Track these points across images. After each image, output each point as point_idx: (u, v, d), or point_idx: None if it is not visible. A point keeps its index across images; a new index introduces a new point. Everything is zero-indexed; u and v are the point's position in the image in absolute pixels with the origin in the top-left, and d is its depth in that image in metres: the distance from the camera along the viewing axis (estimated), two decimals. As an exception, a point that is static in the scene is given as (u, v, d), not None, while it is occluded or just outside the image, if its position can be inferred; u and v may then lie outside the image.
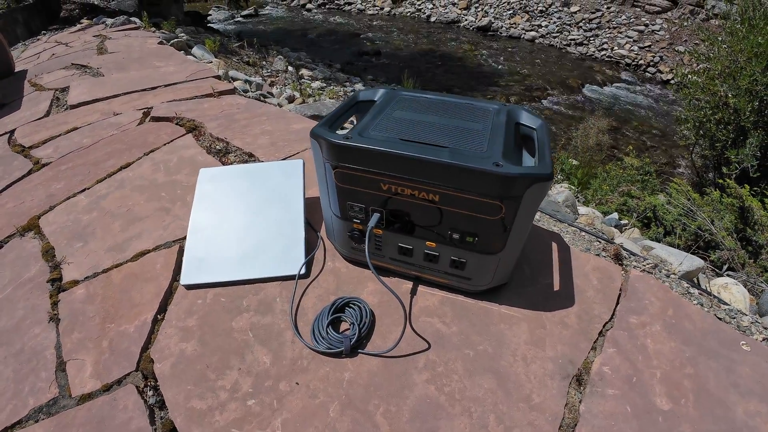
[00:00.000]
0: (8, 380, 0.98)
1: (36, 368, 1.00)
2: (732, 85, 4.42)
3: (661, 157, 7.64)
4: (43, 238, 1.43)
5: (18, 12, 7.94)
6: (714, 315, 1.15)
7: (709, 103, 4.67)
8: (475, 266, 0.98)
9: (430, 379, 0.90)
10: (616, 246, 1.52)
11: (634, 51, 10.99)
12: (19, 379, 0.98)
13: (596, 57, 11.27)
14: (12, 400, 0.93)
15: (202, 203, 1.24)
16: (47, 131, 2.29)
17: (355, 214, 0.98)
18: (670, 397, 0.91)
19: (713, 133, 4.71)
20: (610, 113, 8.60)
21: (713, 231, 2.99)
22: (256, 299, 1.07)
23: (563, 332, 1.03)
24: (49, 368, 0.99)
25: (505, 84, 9.50)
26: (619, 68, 10.83)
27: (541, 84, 9.72)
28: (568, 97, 9.34)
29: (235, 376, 0.90)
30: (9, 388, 0.96)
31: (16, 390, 0.96)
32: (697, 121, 4.89)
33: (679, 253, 1.88)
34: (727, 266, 2.69)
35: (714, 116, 4.68)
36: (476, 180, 0.81)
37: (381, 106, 1.06)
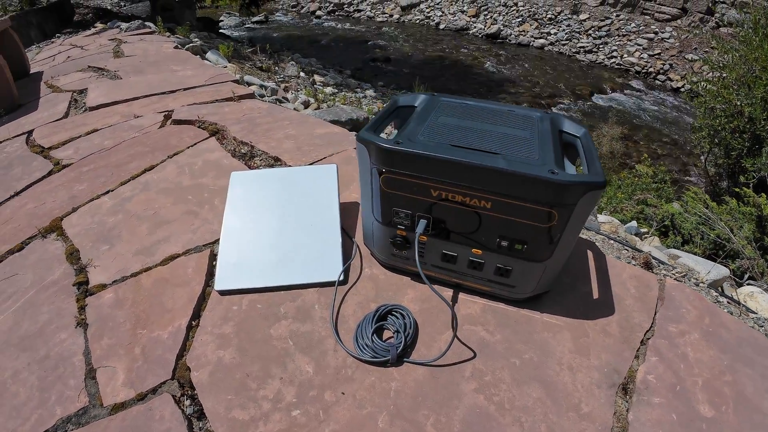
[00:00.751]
0: (33, 388, 0.94)
1: (63, 376, 0.96)
2: (747, 94, 4.38)
3: (672, 165, 7.59)
4: (67, 240, 1.41)
5: (32, 14, 8.00)
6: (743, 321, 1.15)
7: (724, 111, 4.64)
8: (520, 274, 0.95)
9: (479, 388, 0.87)
10: (646, 254, 1.51)
11: (643, 59, 10.96)
12: (45, 387, 0.95)
13: (606, 64, 11.25)
14: (37, 410, 0.90)
15: (234, 207, 1.22)
16: (66, 132, 2.28)
17: (400, 220, 0.95)
18: (712, 405, 0.91)
19: (728, 142, 4.66)
20: (621, 121, 8.56)
21: (733, 240, 2.95)
22: (293, 306, 1.05)
23: (606, 341, 1.02)
24: (78, 376, 0.96)
25: (515, 91, 9.50)
26: (629, 76, 10.80)
27: (551, 91, 9.71)
28: (578, 104, 9.32)
29: (277, 385, 0.87)
30: (34, 396, 0.93)
31: (41, 399, 0.92)
32: (712, 130, 4.85)
33: (705, 262, 1.85)
34: (748, 275, 2.65)
35: (729, 125, 4.64)
36: (531, 187, 0.79)
37: (424, 112, 1.04)
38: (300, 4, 15.79)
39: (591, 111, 9.05)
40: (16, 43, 3.70)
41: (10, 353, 1.04)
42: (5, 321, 1.14)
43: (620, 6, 11.97)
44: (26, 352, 1.04)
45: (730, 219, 3.34)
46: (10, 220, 1.60)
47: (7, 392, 0.94)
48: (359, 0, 14.89)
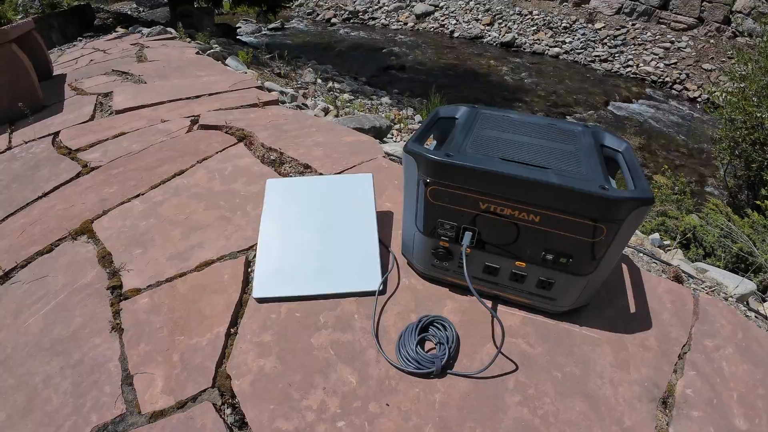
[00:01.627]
0: (67, 394, 0.94)
1: (99, 381, 0.96)
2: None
3: (690, 175, 7.49)
4: (98, 243, 1.43)
5: (53, 18, 8.14)
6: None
7: (745, 123, 4.58)
8: (562, 287, 0.95)
9: (522, 401, 0.86)
10: (675, 268, 1.50)
11: (659, 68, 10.85)
12: (80, 393, 0.94)
13: (621, 74, 11.16)
14: (72, 416, 0.89)
15: (271, 214, 1.23)
16: (93, 135, 2.32)
17: (444, 231, 0.95)
18: (747, 418, 0.91)
19: (749, 154, 4.60)
20: (638, 131, 8.49)
21: (756, 253, 2.90)
22: (333, 315, 1.05)
23: (645, 355, 1.02)
24: (114, 382, 0.95)
25: (530, 99, 9.46)
26: (645, 85, 10.70)
27: (566, 100, 9.65)
28: (593, 113, 9.25)
29: (320, 395, 0.87)
30: (68, 402, 0.92)
31: (75, 405, 0.92)
32: (732, 141, 4.79)
33: (732, 277, 1.84)
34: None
35: (749, 137, 4.58)
36: (581, 202, 0.78)
37: (467, 124, 1.04)
38: (315, 12, 15.95)
39: (607, 120, 8.98)
40: (40, 45, 3.77)
41: (41, 357, 1.04)
42: (36, 323, 1.15)
43: (636, 15, 11.89)
44: (59, 356, 1.03)
45: (752, 232, 3.28)
46: (39, 220, 1.63)
47: (39, 398, 0.94)
48: (374, 8, 14.99)
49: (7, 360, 1.05)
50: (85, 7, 10.44)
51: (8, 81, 2.90)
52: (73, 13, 9.47)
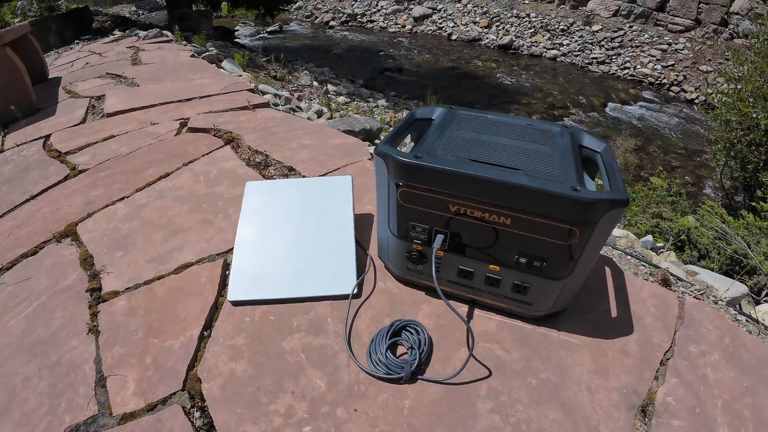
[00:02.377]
0: (43, 394, 0.94)
1: (74, 383, 0.96)
2: (764, 106, 4.32)
3: (686, 177, 7.49)
4: (81, 246, 1.42)
5: (51, 21, 8.13)
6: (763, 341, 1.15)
7: (740, 124, 4.58)
8: (538, 291, 0.93)
9: (494, 408, 0.85)
10: (663, 270, 1.48)
11: (657, 70, 10.86)
12: (55, 393, 0.95)
13: (619, 75, 11.16)
14: (46, 417, 0.90)
15: (249, 217, 1.22)
16: (84, 138, 2.31)
17: (417, 234, 0.94)
18: (732, 428, 0.89)
19: (744, 155, 4.59)
20: (635, 133, 8.48)
21: (750, 255, 2.88)
22: (306, 319, 1.04)
23: (625, 361, 1.00)
24: (88, 383, 0.96)
25: (527, 102, 9.46)
26: (642, 87, 10.71)
27: (564, 102, 9.65)
28: (590, 115, 9.25)
29: (289, 400, 0.86)
30: (44, 403, 0.93)
31: (51, 405, 0.92)
32: (728, 143, 4.79)
33: (723, 279, 1.82)
34: (766, 292, 2.59)
35: (745, 138, 4.57)
36: (553, 204, 0.77)
37: (441, 125, 1.03)
38: (314, 15, 15.98)
39: (604, 122, 8.98)
40: (35, 48, 3.77)
41: (21, 358, 1.04)
42: (17, 325, 1.15)
43: (633, 17, 11.91)
44: (38, 357, 1.04)
45: (747, 234, 3.27)
46: (26, 223, 1.62)
47: (17, 398, 0.95)
48: (372, 11, 15.02)
49: (-14, 362, 1.04)
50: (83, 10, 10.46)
51: (2, 84, 2.90)
52: (71, 17, 9.42)
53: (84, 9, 10.60)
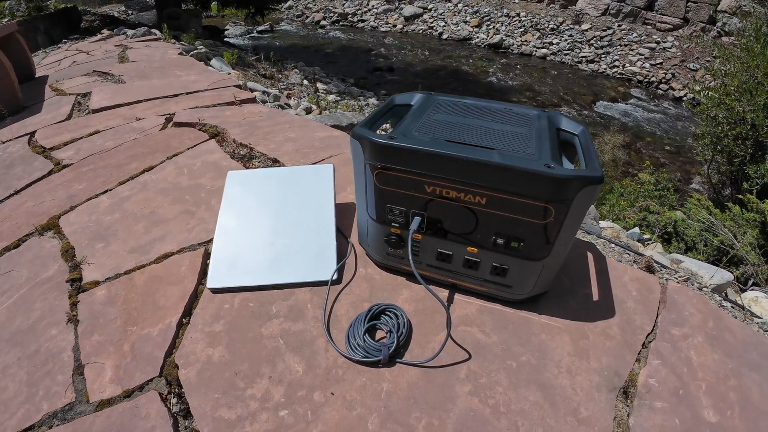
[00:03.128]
0: (21, 383, 0.94)
1: (52, 371, 0.95)
2: (750, 100, 4.37)
3: (675, 172, 7.56)
4: (63, 238, 1.41)
5: (39, 20, 8.07)
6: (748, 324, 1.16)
7: (727, 118, 4.63)
8: (517, 273, 0.93)
9: (473, 390, 0.85)
10: (647, 258, 1.48)
11: (645, 68, 10.96)
12: (33, 382, 0.94)
13: (608, 74, 11.25)
14: (24, 405, 0.89)
15: (230, 206, 1.21)
16: (69, 134, 2.29)
17: (394, 217, 0.94)
18: (717, 410, 0.89)
19: (731, 149, 4.65)
20: (624, 130, 8.55)
21: (736, 246, 2.92)
22: (285, 305, 1.03)
23: (607, 343, 1.00)
24: (66, 371, 0.95)
25: (517, 100, 9.49)
26: (631, 85, 10.80)
27: (553, 100, 9.71)
28: (580, 113, 9.32)
29: (265, 384, 0.85)
30: (22, 391, 0.92)
31: (29, 394, 0.91)
32: (714, 137, 4.84)
33: (708, 267, 1.83)
34: (752, 281, 2.63)
35: (731, 132, 4.63)
36: (527, 182, 0.77)
37: (420, 110, 1.03)
38: (305, 15, 15.95)
39: (593, 120, 9.04)
40: (23, 47, 3.74)
41: (1, 348, 1.03)
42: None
43: (622, 16, 12.01)
44: (17, 347, 1.03)
45: (733, 225, 3.31)
46: (9, 217, 1.60)
47: None
48: (363, 10, 15.03)
49: (-33, 353, 1.03)
50: (72, 9, 10.37)
51: (-10, 83, 2.88)
52: (60, 16, 9.38)
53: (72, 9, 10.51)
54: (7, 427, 0.86)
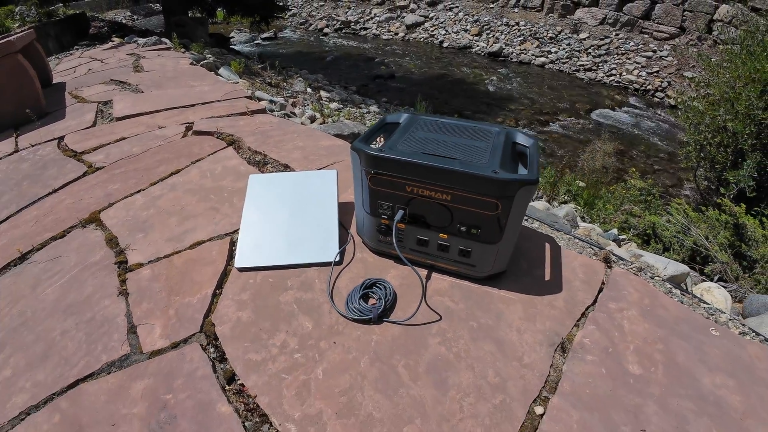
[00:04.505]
0: (80, 342, 1.17)
1: (108, 332, 1.19)
2: (730, 109, 4.62)
3: (668, 180, 7.79)
4: (105, 230, 1.66)
5: (50, 26, 8.32)
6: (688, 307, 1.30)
7: (709, 126, 4.88)
8: (479, 255, 1.20)
9: (442, 342, 1.11)
10: (606, 251, 1.70)
11: (642, 76, 11.21)
12: (92, 340, 1.17)
13: (605, 82, 11.51)
14: (84, 358, 1.12)
15: (252, 203, 1.48)
16: (96, 139, 2.56)
17: (384, 211, 1.20)
18: (641, 365, 1.07)
19: (713, 156, 4.90)
20: (618, 137, 8.77)
21: (706, 245, 3.16)
22: (298, 280, 1.30)
23: (552, 312, 1.22)
24: (121, 331, 1.19)
25: (515, 108, 9.76)
26: (628, 93, 11.05)
27: (550, 108, 9.96)
28: (576, 121, 9.56)
29: (283, 336, 1.12)
30: (81, 348, 1.15)
31: (88, 349, 1.14)
32: (698, 144, 5.09)
33: (664, 260, 2.07)
34: (718, 277, 2.86)
35: (714, 139, 4.88)
36: (479, 184, 1.04)
37: (405, 127, 1.30)
38: (308, 22, 16.36)
39: (589, 127, 9.28)
40: (41, 54, 4.00)
41: (58, 317, 1.27)
42: (53, 293, 1.38)
43: (619, 25, 12.30)
44: (73, 315, 1.27)
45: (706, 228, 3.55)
46: (51, 212, 1.86)
47: (57, 347, 1.18)
48: (366, 19, 15.42)
49: (27, 321, 1.28)
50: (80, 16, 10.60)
51: (14, 89, 3.14)
52: (69, 22, 9.55)
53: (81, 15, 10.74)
54: (69, 376, 1.09)
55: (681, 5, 11.34)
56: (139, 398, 0.99)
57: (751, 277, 2.92)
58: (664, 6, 11.57)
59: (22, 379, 1.09)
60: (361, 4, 15.99)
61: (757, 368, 1.10)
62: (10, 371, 1.12)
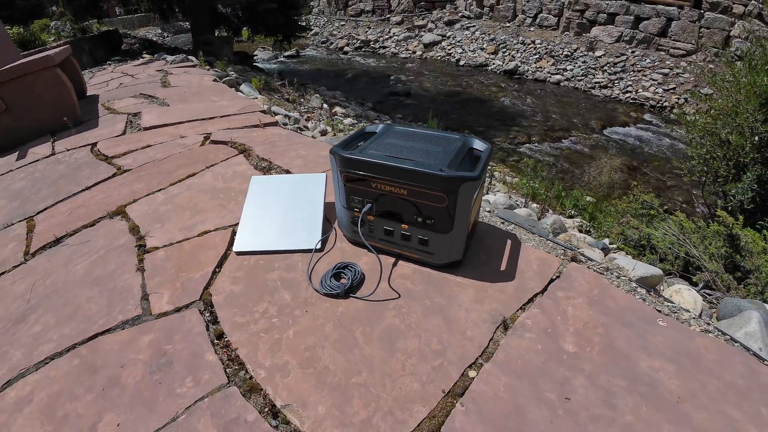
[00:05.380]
0: (102, 306, 1.43)
1: (125, 298, 1.45)
2: (731, 123, 4.70)
3: (680, 196, 7.76)
4: (129, 220, 1.94)
5: (84, 42, 8.84)
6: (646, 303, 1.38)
7: (711, 140, 4.96)
8: (435, 243, 1.40)
9: (396, 315, 1.31)
10: (574, 252, 1.84)
11: (658, 93, 11.18)
12: (111, 305, 1.43)
13: (620, 99, 11.54)
14: (104, 317, 1.38)
15: (252, 199, 1.74)
16: (125, 146, 2.88)
17: (356, 205, 1.43)
18: (578, 345, 1.18)
19: (716, 169, 4.96)
20: (632, 153, 8.79)
21: (695, 254, 3.26)
22: (284, 263, 1.53)
23: (501, 296, 1.36)
24: (136, 298, 1.44)
25: (527, 124, 9.90)
26: (644, 110, 11.05)
27: (563, 124, 10.06)
28: (589, 137, 9.62)
29: (265, 305, 1.35)
30: (102, 310, 1.41)
31: (108, 311, 1.40)
32: (702, 158, 5.16)
33: (634, 262, 2.19)
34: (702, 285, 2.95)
35: (716, 153, 4.95)
36: (428, 180, 1.25)
37: (379, 136, 1.54)
38: (329, 41, 17.00)
39: (601, 144, 9.33)
40: (76, 68, 4.40)
41: (85, 287, 1.54)
42: (82, 269, 1.65)
43: (635, 43, 12.36)
44: (98, 285, 1.53)
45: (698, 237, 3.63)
46: (84, 205, 2.15)
47: (82, 309, 1.43)
48: (385, 37, 15.94)
49: (59, 290, 1.55)
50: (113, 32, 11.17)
51: (53, 99, 3.52)
52: (102, 38, 10.10)
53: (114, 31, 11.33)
54: (89, 330, 1.33)
55: (697, 22, 11.36)
56: (145, 347, 1.23)
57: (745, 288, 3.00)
58: (681, 23, 11.60)
59: (50, 333, 1.35)
60: (380, 23, 16.54)
61: (704, 358, 1.17)
62: (40, 327, 1.38)
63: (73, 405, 1.10)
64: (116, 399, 1.10)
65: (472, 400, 1.06)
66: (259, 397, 1.07)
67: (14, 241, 1.93)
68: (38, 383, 1.18)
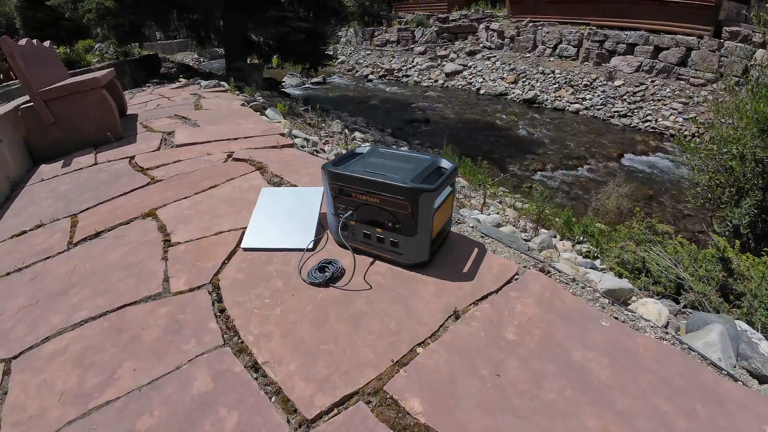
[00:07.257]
0: (130, 285, 1.75)
1: (150, 280, 1.77)
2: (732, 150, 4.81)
3: (696, 225, 7.72)
4: (158, 221, 2.29)
5: (126, 64, 9.49)
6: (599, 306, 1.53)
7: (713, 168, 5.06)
8: (404, 245, 1.68)
9: (365, 302, 1.57)
10: (544, 264, 2.04)
11: (678, 122, 11.10)
12: (138, 284, 1.75)
13: (640, 128, 11.54)
14: (132, 293, 1.69)
15: (260, 206, 2.08)
16: (159, 160, 3.29)
17: (341, 212, 1.73)
18: (518, 335, 1.34)
19: (718, 195, 5.04)
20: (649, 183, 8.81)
21: (681, 275, 3.39)
22: (282, 258, 1.84)
23: (458, 293, 1.55)
24: (158, 279, 1.76)
25: (543, 152, 10.01)
26: (663, 139, 11.01)
27: (580, 153, 10.14)
28: (606, 165, 9.66)
29: (261, 289, 1.65)
30: (131, 288, 1.72)
31: (135, 289, 1.72)
32: (705, 185, 5.25)
33: (600, 275, 2.37)
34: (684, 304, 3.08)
35: (718, 179, 5.04)
36: (395, 190, 1.54)
37: (365, 155, 1.85)
38: (355, 69, 17.79)
39: (619, 172, 9.39)
40: (119, 89, 4.89)
41: (118, 270, 1.87)
42: (116, 257, 1.98)
43: (655, 72, 12.44)
44: (128, 269, 1.86)
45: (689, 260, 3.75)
46: (121, 207, 2.52)
47: (114, 287, 1.76)
48: (408, 66, 16.59)
49: (96, 272, 1.88)
50: (153, 57, 11.88)
51: (97, 116, 3.97)
52: (143, 62, 10.81)
53: (154, 56, 12.08)
54: (118, 302, 1.63)
55: (717, 51, 11.41)
56: (162, 316, 1.55)
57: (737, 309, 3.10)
58: (700, 52, 11.67)
59: (86, 303, 1.68)
60: (404, 53, 17.23)
61: (642, 356, 1.27)
62: (77, 299, 1.71)
63: (99, 356, 1.41)
64: (135, 352, 1.41)
65: (415, 369, 1.29)
66: (246, 356, 1.36)
67: (60, 233, 2.30)
68: (72, 339, 1.50)
